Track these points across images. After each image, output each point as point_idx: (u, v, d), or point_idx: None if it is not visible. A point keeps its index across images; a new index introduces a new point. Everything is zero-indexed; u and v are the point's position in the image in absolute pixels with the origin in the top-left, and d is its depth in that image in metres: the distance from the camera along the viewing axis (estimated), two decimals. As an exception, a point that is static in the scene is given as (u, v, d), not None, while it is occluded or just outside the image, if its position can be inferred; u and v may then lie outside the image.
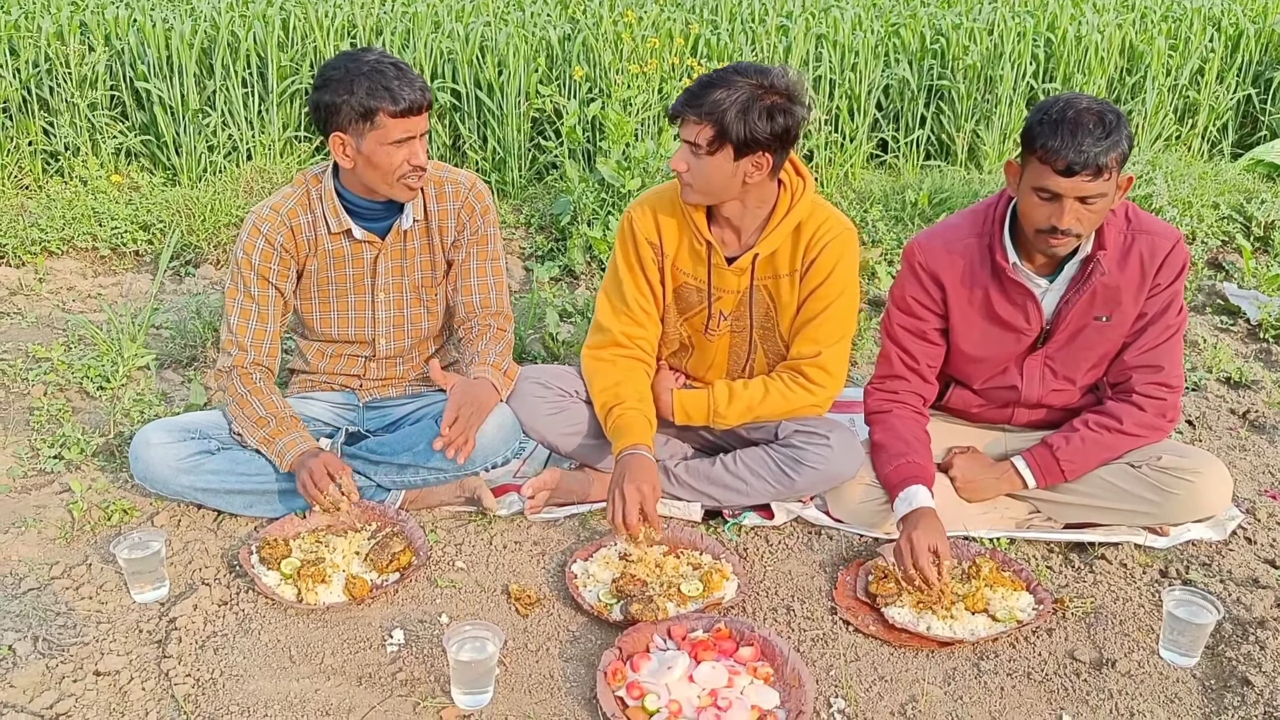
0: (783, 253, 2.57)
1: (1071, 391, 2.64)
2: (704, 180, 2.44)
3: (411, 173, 2.53)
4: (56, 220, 4.54)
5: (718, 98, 2.35)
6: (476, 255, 2.77)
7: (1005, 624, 2.28)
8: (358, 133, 2.47)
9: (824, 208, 2.58)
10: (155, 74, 5.16)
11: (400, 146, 2.48)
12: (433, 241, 2.74)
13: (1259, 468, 3.01)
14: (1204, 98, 6.02)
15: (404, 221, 2.68)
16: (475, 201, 2.74)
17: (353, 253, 2.69)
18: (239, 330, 2.66)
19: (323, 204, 2.63)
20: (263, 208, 2.65)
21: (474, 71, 5.36)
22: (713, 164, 2.41)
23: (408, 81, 2.44)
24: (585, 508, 2.75)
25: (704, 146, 2.38)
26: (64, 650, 2.15)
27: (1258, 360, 3.80)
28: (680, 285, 2.66)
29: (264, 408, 2.60)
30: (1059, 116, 2.22)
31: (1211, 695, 2.11)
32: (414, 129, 2.48)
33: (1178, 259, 2.45)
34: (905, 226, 4.75)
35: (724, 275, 2.59)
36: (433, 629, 2.28)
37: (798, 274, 2.58)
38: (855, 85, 5.62)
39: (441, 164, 2.77)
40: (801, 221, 2.54)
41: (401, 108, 2.43)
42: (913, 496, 2.42)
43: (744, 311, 2.64)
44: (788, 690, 2.07)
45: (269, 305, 2.67)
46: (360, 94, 2.42)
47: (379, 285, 2.73)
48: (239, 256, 2.65)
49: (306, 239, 2.65)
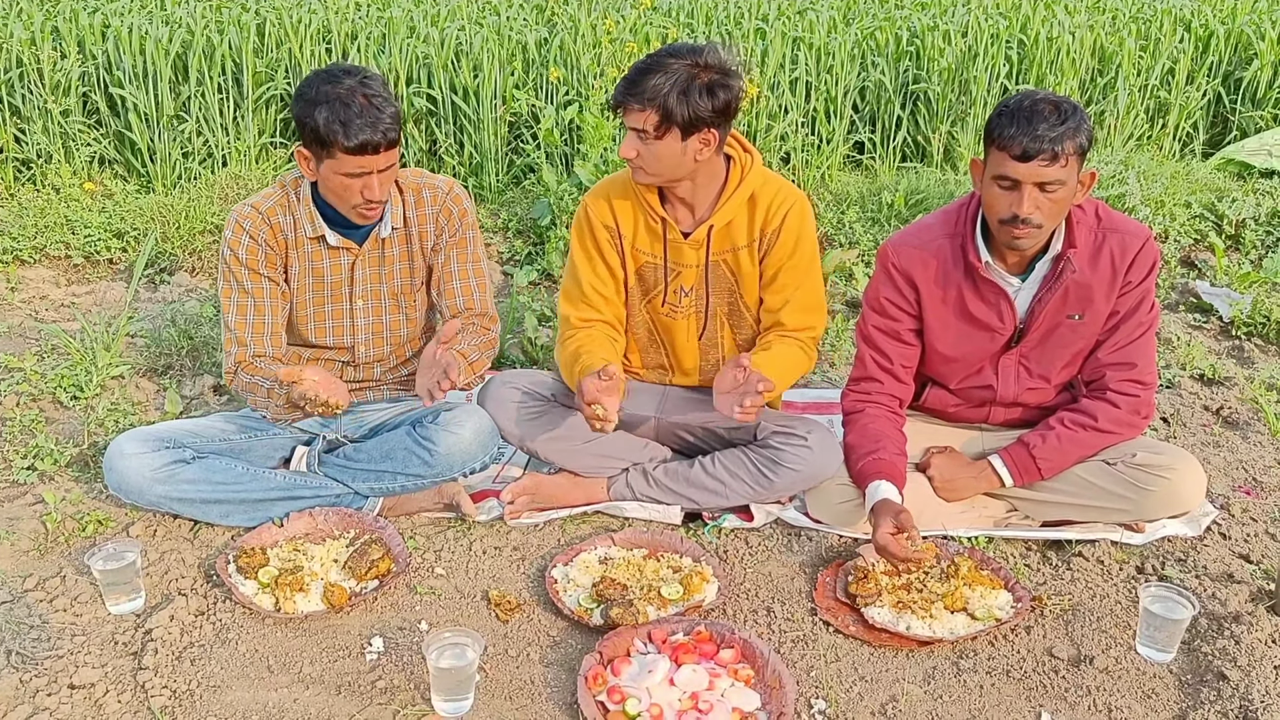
0: (739, 224, 2.62)
1: (1046, 390, 2.66)
2: (656, 163, 2.49)
3: (364, 204, 2.50)
4: (29, 228, 4.50)
5: (657, 83, 2.39)
6: (457, 258, 2.75)
7: (984, 622, 2.29)
8: (317, 155, 2.46)
9: (775, 179, 2.65)
10: (130, 80, 5.12)
11: (355, 179, 2.45)
12: (412, 248, 2.73)
13: (1233, 464, 3.03)
14: (1175, 98, 6.08)
15: (382, 230, 2.66)
16: (453, 205, 2.73)
17: (330, 258, 2.67)
18: (237, 327, 2.64)
19: (300, 208, 2.62)
20: (244, 206, 2.64)
21: (449, 76, 5.34)
22: (662, 147, 2.45)
23: (370, 120, 2.37)
24: (565, 512, 2.74)
25: (651, 132, 2.43)
26: (38, 663, 2.13)
27: (1230, 357, 3.83)
28: (640, 266, 2.70)
29: (267, 379, 2.58)
30: (1016, 107, 2.29)
31: (1188, 690, 2.13)
32: (369, 166, 2.42)
33: (1148, 256, 2.48)
34: (882, 228, 4.77)
35: (681, 250, 2.64)
36: (412, 636, 2.27)
37: (755, 244, 2.63)
38: (832, 88, 5.64)
39: (419, 170, 2.76)
40: (755, 192, 2.61)
41: (353, 145, 2.38)
42: (874, 492, 2.44)
43: (702, 287, 2.67)
44: (769, 692, 2.07)
45: (265, 297, 2.65)
46: (319, 121, 2.38)
47: (357, 292, 2.72)
48: (226, 255, 2.63)
49: (286, 238, 2.64)
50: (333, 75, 2.44)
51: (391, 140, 2.43)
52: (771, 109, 5.47)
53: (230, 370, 2.67)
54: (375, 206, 2.53)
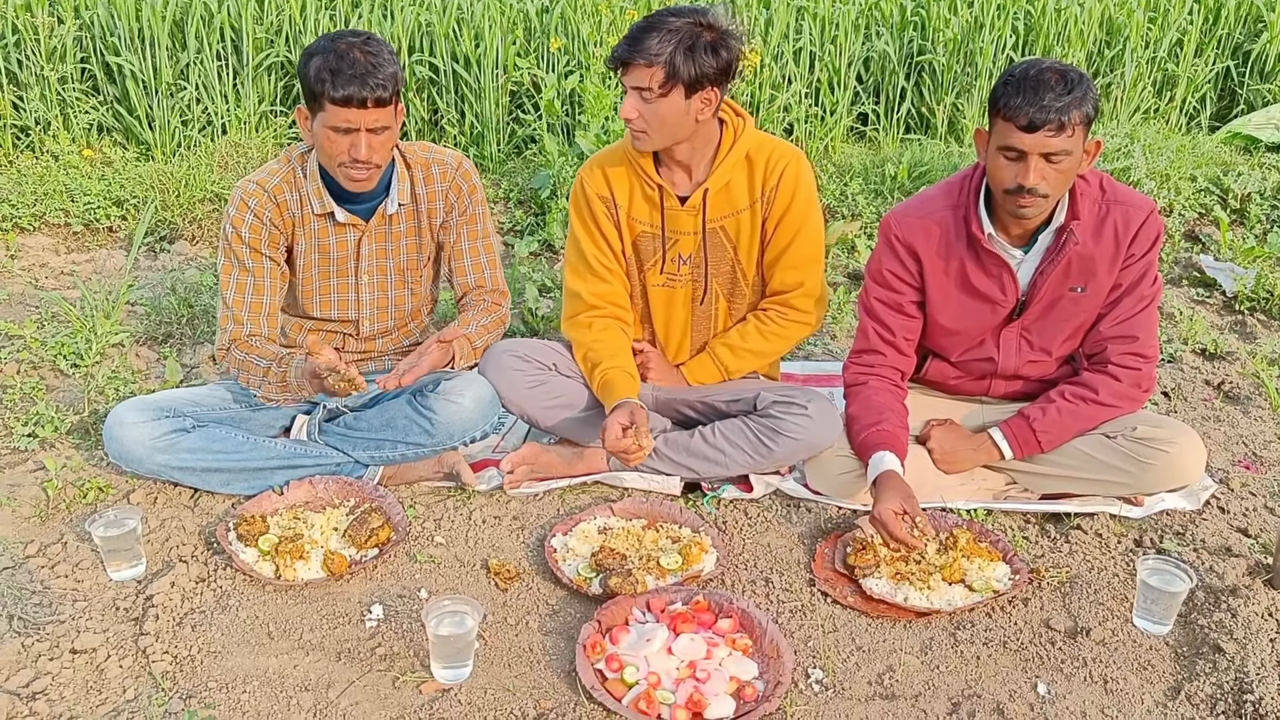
0: (737, 184, 2.61)
1: (1048, 363, 2.65)
2: (658, 123, 2.47)
3: (351, 164, 2.45)
4: (28, 196, 4.48)
5: (662, 39, 2.38)
6: (468, 235, 2.77)
7: (982, 594, 2.30)
8: (312, 110, 2.44)
9: (769, 138, 2.64)
10: (126, 47, 5.08)
11: (342, 135, 2.41)
12: (420, 224, 2.72)
13: (1233, 438, 3.03)
14: (1182, 70, 6.03)
15: (389, 206, 2.64)
16: (463, 181, 2.72)
17: (337, 234, 2.66)
18: (235, 305, 2.63)
19: (307, 184, 2.60)
20: (248, 183, 2.60)
21: (451, 45, 5.30)
22: (665, 105, 2.44)
23: (359, 75, 2.34)
24: (564, 482, 2.75)
25: (655, 90, 2.41)
26: (40, 628, 2.14)
27: (1233, 332, 3.82)
28: (637, 236, 2.69)
29: (263, 358, 2.59)
30: (1022, 76, 2.26)
31: (1184, 662, 2.14)
32: (356, 121, 2.38)
33: (1152, 229, 2.46)
34: (885, 200, 4.75)
35: (678, 217, 2.63)
36: (412, 604, 2.28)
37: (758, 204, 2.62)
38: (835, 58, 5.60)
39: (427, 145, 2.74)
40: (750, 152, 2.60)
41: (339, 96, 2.34)
42: (878, 462, 2.44)
43: (700, 254, 2.67)
44: (766, 661, 2.08)
45: (265, 276, 2.63)
46: (311, 72, 2.37)
47: (363, 268, 2.71)
48: (228, 231, 2.61)
49: (293, 215, 2.62)
50: (339, 33, 2.45)
51: (381, 99, 2.38)
52: (775, 79, 5.43)
53: (223, 347, 2.66)
54: (363, 170, 2.47)
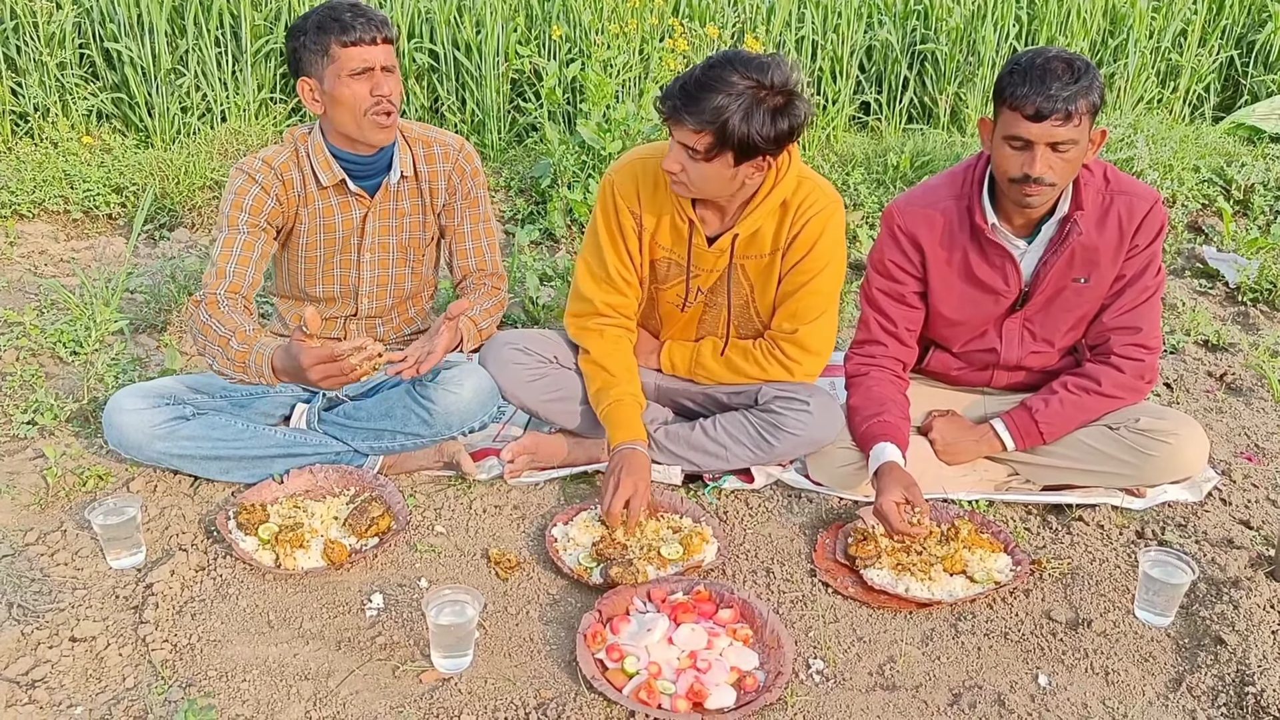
0: (766, 231, 2.52)
1: (1050, 353, 2.65)
2: (700, 182, 2.37)
3: (377, 106, 2.50)
4: (27, 183, 4.46)
5: (720, 104, 2.21)
6: (469, 219, 2.80)
7: (983, 585, 2.30)
8: (318, 72, 2.48)
9: (809, 181, 2.51)
10: (125, 33, 5.05)
11: (360, 79, 2.48)
12: (423, 202, 2.75)
13: (1235, 430, 3.03)
14: (1186, 60, 6.00)
15: (391, 177, 2.66)
16: (465, 164, 2.75)
17: (341, 210, 2.67)
18: (221, 259, 2.57)
19: (312, 159, 2.61)
20: (253, 159, 2.62)
21: (452, 32, 5.27)
22: (710, 169, 2.32)
23: (361, 15, 2.46)
24: (565, 472, 2.74)
25: (701, 152, 2.29)
26: (39, 616, 2.14)
27: (1235, 323, 3.81)
28: (657, 259, 2.63)
29: (224, 325, 2.45)
30: (1028, 65, 2.23)
31: (1185, 654, 2.14)
32: (371, 59, 2.47)
33: (1156, 220, 2.45)
34: (887, 190, 4.74)
35: (703, 255, 2.56)
36: (412, 593, 2.27)
37: (780, 252, 2.54)
38: (838, 47, 5.57)
39: (426, 125, 2.77)
40: (787, 198, 2.49)
41: (351, 37, 2.44)
42: (879, 454, 2.43)
43: (721, 289, 2.62)
44: (767, 652, 2.08)
45: (257, 242, 2.61)
46: (312, 30, 2.46)
47: (366, 245, 2.73)
48: (229, 200, 2.59)
49: (297, 194, 2.64)
50: (319, 6, 2.52)
51: (388, 36, 2.49)
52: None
53: (197, 300, 2.54)
54: (390, 111, 2.52)
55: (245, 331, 2.44)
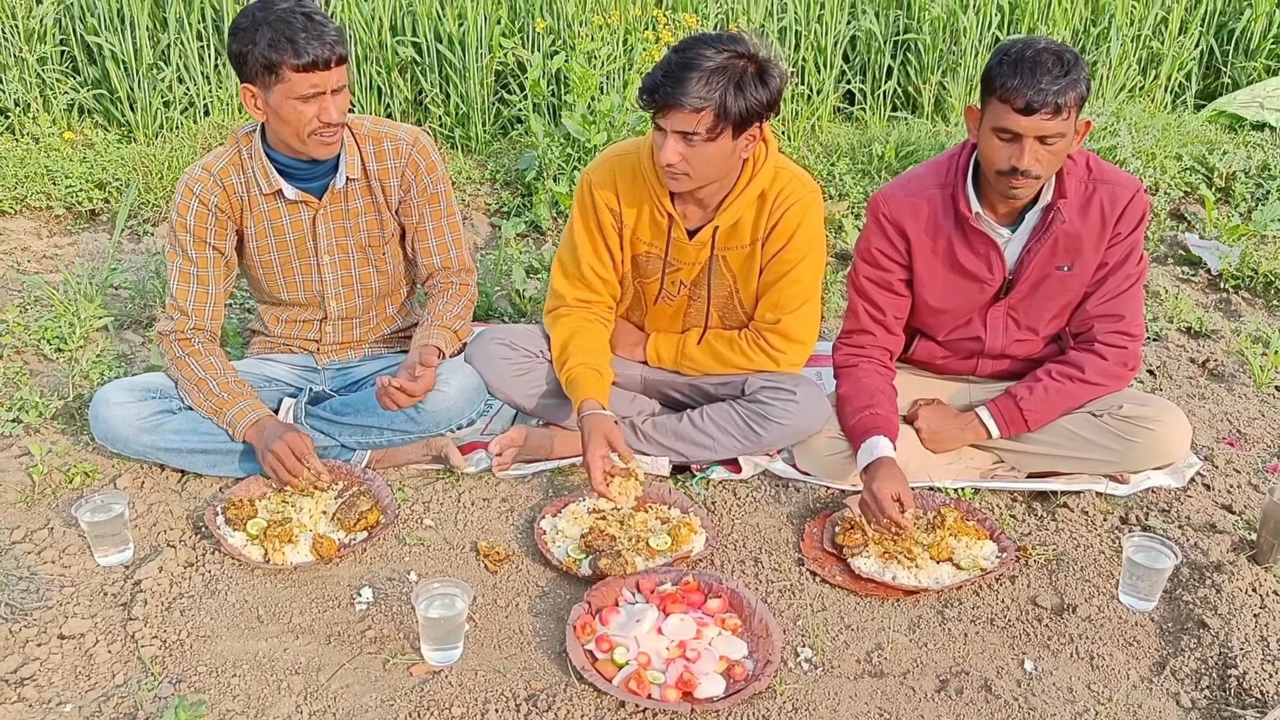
0: (745, 222, 2.52)
1: (1034, 341, 2.66)
2: (703, 167, 2.35)
3: (323, 129, 2.40)
4: (8, 179, 4.43)
5: (711, 81, 2.22)
6: (430, 215, 2.70)
7: (969, 572, 2.32)
8: (265, 85, 2.35)
9: (786, 171, 2.52)
10: (106, 27, 5.01)
11: (309, 102, 2.35)
12: (376, 200, 2.65)
13: (1217, 416, 3.05)
14: (1167, 49, 6.03)
15: (337, 180, 2.58)
16: (420, 158, 2.64)
17: (289, 214, 2.60)
18: (180, 295, 2.59)
19: (254, 163, 2.54)
20: (195, 168, 2.56)
21: (434, 25, 5.25)
22: (714, 149, 2.31)
23: (315, 34, 2.29)
24: (553, 464, 2.75)
25: (703, 134, 2.27)
26: (27, 614, 2.13)
27: (1218, 310, 3.84)
28: (639, 254, 2.63)
29: (202, 369, 2.55)
30: (1018, 56, 2.23)
31: (1169, 638, 2.16)
32: (322, 84, 2.34)
33: (1138, 208, 2.47)
34: (872, 180, 4.75)
35: (684, 248, 2.56)
36: (401, 587, 2.28)
37: (759, 242, 2.55)
38: (821, 37, 5.57)
39: (378, 119, 2.67)
40: (764, 189, 2.49)
41: (304, 61, 2.29)
42: (874, 447, 2.44)
43: (703, 282, 2.62)
44: (755, 641, 2.09)
45: (208, 267, 2.59)
46: (263, 45, 2.29)
47: (322, 247, 2.66)
48: (174, 219, 2.56)
49: (240, 198, 2.57)
50: (264, 3, 2.34)
51: (341, 56, 2.34)
52: (761, 58, 5.39)
53: (165, 333, 2.61)
54: (335, 132, 2.42)
55: (228, 382, 2.56)
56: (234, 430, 2.53)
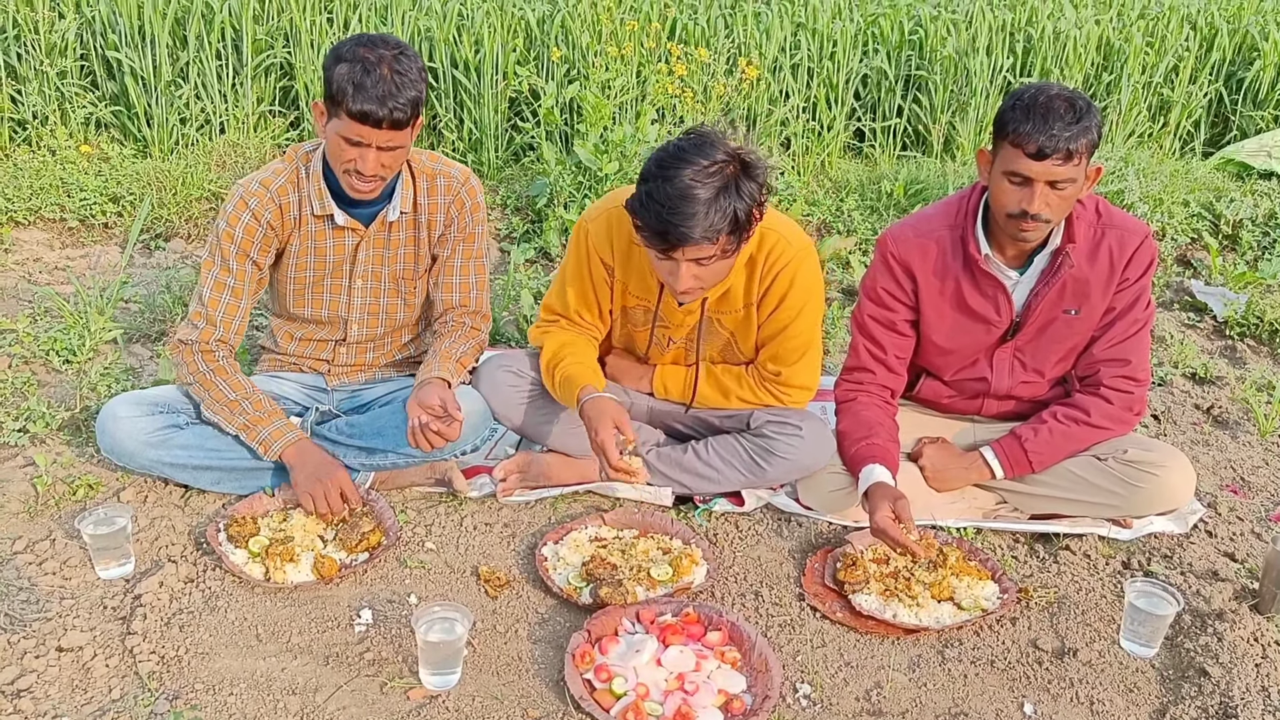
0: (736, 288, 2.51)
1: (1040, 383, 2.67)
2: (717, 279, 2.37)
3: (353, 175, 2.41)
4: (24, 190, 4.46)
5: (716, 203, 2.17)
6: (461, 253, 2.71)
7: (970, 613, 2.31)
8: (329, 110, 2.38)
9: (773, 232, 2.46)
10: (126, 43, 5.07)
11: (350, 146, 2.37)
12: (419, 235, 2.68)
13: (1221, 462, 3.05)
14: (1177, 96, 6.08)
15: (390, 213, 2.60)
16: (467, 198, 2.66)
17: (334, 238, 2.62)
18: (211, 304, 2.59)
19: (310, 184, 2.56)
20: (251, 182, 2.57)
21: (450, 50, 5.31)
22: (728, 261, 2.32)
23: (382, 92, 2.28)
24: (556, 491, 2.75)
25: (720, 253, 2.26)
26: (26, 625, 2.13)
27: (1223, 356, 3.85)
28: (630, 306, 2.64)
29: (232, 389, 2.55)
30: (1031, 102, 2.25)
31: (1170, 685, 2.15)
32: (367, 137, 2.33)
33: (1146, 254, 2.48)
34: (880, 217, 4.77)
35: (673, 311, 2.57)
36: (401, 609, 2.27)
37: (753, 305, 2.54)
38: (833, 74, 5.62)
39: (436, 155, 2.69)
40: (753, 253, 2.47)
41: (355, 110, 2.29)
42: (868, 475, 2.44)
43: (694, 339, 2.63)
44: (754, 675, 2.09)
45: (245, 281, 2.60)
46: (336, 75, 2.31)
47: (357, 272, 2.67)
48: (221, 229, 2.56)
49: (293, 218, 2.59)
50: (373, 40, 2.35)
51: (397, 121, 2.32)
52: (772, 94, 5.45)
53: (187, 341, 2.58)
54: (365, 181, 2.43)
55: (260, 400, 2.56)
56: (266, 448, 2.52)
